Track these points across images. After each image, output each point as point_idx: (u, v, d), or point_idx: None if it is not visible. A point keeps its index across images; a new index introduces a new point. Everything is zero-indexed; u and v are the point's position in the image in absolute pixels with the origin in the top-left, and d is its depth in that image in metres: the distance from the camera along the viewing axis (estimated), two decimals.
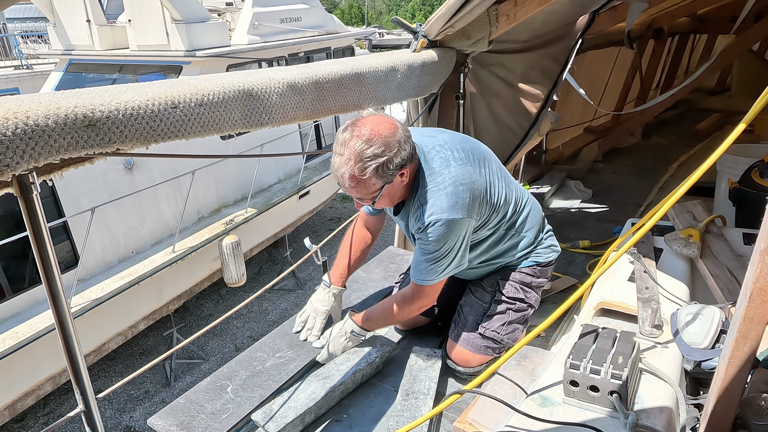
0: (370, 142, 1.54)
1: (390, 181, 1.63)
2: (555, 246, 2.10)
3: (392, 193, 1.71)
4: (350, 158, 1.55)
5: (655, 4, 4.30)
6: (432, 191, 1.69)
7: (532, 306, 2.04)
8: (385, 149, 1.55)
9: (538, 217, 2.04)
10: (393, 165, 1.58)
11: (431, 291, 1.84)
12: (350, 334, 1.95)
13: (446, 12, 2.33)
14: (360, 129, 1.56)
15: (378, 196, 1.66)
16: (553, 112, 3.42)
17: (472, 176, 1.73)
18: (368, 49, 21.82)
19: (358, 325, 1.95)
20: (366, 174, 1.56)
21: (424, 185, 1.70)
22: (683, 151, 5.43)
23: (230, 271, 6.32)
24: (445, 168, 1.70)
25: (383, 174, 1.59)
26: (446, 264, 1.76)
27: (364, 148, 1.54)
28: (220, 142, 7.12)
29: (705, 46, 7.98)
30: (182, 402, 1.80)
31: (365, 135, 1.55)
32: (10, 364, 4.82)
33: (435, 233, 1.69)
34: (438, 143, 1.77)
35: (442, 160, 1.72)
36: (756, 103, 1.26)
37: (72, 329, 1.27)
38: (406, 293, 1.88)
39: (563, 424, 1.37)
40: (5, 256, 5.17)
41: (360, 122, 1.59)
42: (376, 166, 1.55)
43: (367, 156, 1.54)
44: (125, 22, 7.89)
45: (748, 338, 1.09)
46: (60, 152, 1.15)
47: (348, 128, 1.59)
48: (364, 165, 1.55)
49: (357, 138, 1.55)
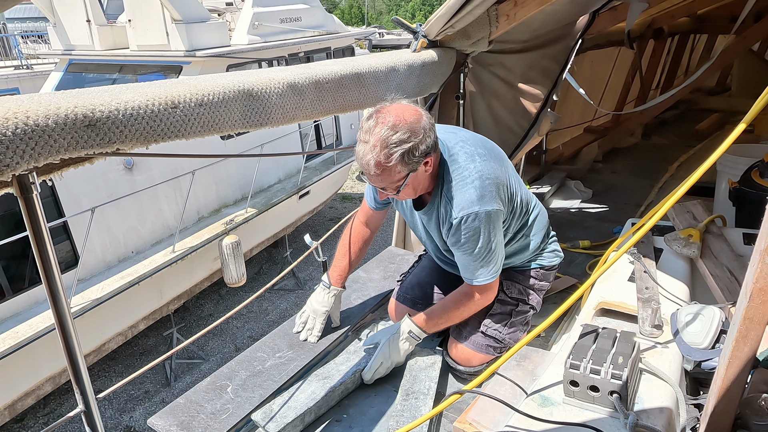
0: (395, 128, 1.54)
1: (415, 169, 1.61)
2: (559, 251, 2.13)
3: (416, 183, 1.69)
4: (376, 145, 1.54)
5: (655, 4, 4.30)
6: (459, 185, 1.68)
7: (534, 308, 2.05)
8: (410, 135, 1.55)
9: (545, 221, 2.06)
10: (418, 152, 1.57)
11: (491, 287, 1.84)
12: (408, 334, 1.88)
13: (446, 12, 2.33)
14: (385, 116, 1.56)
15: (402, 185, 1.63)
16: (552, 112, 3.41)
17: (496, 172, 1.74)
18: (368, 49, 21.83)
19: (418, 326, 1.88)
20: (392, 161, 1.55)
21: (450, 179, 1.70)
22: (683, 151, 5.43)
23: (230, 271, 6.32)
24: (471, 162, 1.71)
25: (409, 161, 1.58)
26: (495, 258, 1.76)
27: (390, 134, 1.53)
28: (220, 142, 7.11)
29: (705, 46, 7.98)
30: (182, 402, 1.80)
31: (390, 121, 1.54)
32: (10, 364, 4.82)
33: (470, 227, 1.68)
34: (461, 139, 1.77)
35: (467, 155, 1.72)
36: (756, 103, 1.26)
37: (72, 329, 1.27)
38: (465, 292, 1.85)
39: (563, 424, 1.37)
40: (5, 256, 5.17)
41: (384, 109, 1.58)
42: (402, 152, 1.55)
43: (393, 142, 1.53)
44: (125, 22, 7.88)
45: (748, 338, 1.09)
46: (60, 152, 1.15)
47: (373, 116, 1.58)
48: (390, 151, 1.54)
49: (382, 125, 1.54)
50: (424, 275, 2.21)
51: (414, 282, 2.20)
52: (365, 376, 1.89)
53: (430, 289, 2.16)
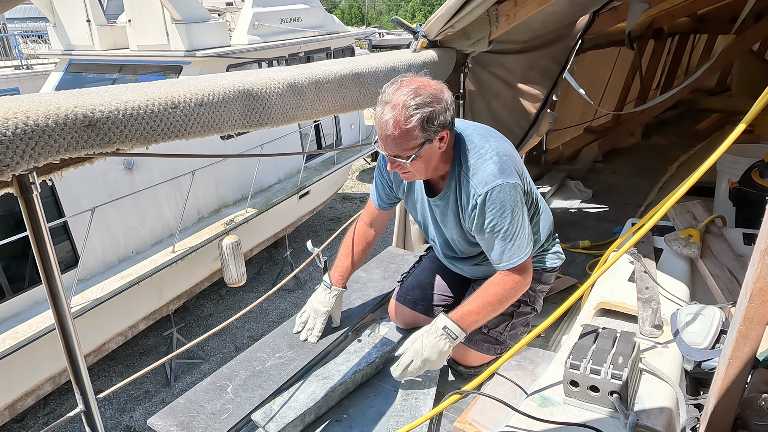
0: (418, 91, 1.56)
1: (431, 139, 1.61)
2: (560, 253, 2.12)
3: (428, 158, 1.67)
4: (397, 104, 1.55)
5: (655, 4, 4.30)
6: (478, 163, 1.70)
7: (535, 309, 2.05)
8: (432, 101, 1.57)
9: (550, 222, 2.05)
10: (437, 121, 1.59)
11: (525, 267, 1.75)
12: (443, 330, 1.72)
13: (446, 12, 2.33)
14: (409, 81, 1.59)
15: (416, 155, 1.62)
16: (552, 113, 3.42)
17: (511, 151, 1.76)
18: (368, 49, 21.81)
19: (455, 322, 1.73)
20: (411, 122, 1.56)
21: (467, 159, 1.72)
22: (683, 151, 5.43)
23: (230, 271, 6.32)
24: (486, 142, 1.74)
25: (427, 127, 1.58)
26: (524, 234, 1.71)
27: (412, 96, 1.55)
28: (220, 142, 7.11)
29: (705, 46, 7.98)
30: (182, 402, 1.80)
31: (414, 86, 1.57)
32: (10, 364, 4.82)
33: (497, 201, 1.67)
34: (472, 125, 1.82)
35: (481, 135, 1.76)
36: (756, 103, 1.26)
37: (72, 329, 1.27)
38: (503, 278, 1.75)
39: (563, 424, 1.37)
40: (5, 256, 5.17)
41: (408, 78, 1.61)
42: (422, 115, 1.55)
43: (414, 104, 1.55)
44: (125, 22, 7.89)
45: (749, 338, 1.09)
46: (60, 152, 1.15)
47: (396, 81, 1.61)
48: (410, 113, 1.55)
49: (405, 87, 1.57)
50: (425, 276, 2.20)
51: (414, 283, 2.20)
52: (394, 372, 1.75)
53: (430, 290, 2.16)
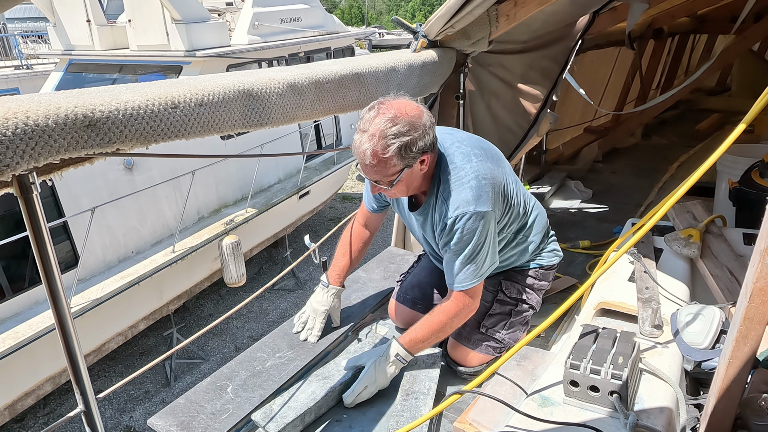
0: (395, 120, 1.54)
1: (411, 165, 1.61)
2: (558, 251, 2.12)
3: (410, 180, 1.68)
4: (374, 134, 1.54)
5: (655, 4, 4.30)
6: (455, 185, 1.68)
7: (533, 308, 2.05)
8: (410, 129, 1.55)
9: (544, 222, 2.05)
10: (416, 147, 1.57)
11: (475, 293, 1.79)
12: (395, 357, 1.81)
13: (446, 12, 2.33)
14: (387, 108, 1.56)
15: (396, 180, 1.62)
16: (552, 113, 3.42)
17: (493, 172, 1.73)
18: (368, 49, 21.81)
19: (405, 349, 1.81)
20: (388, 152, 1.54)
21: (446, 180, 1.69)
22: (683, 151, 5.43)
23: (230, 271, 6.32)
24: (467, 163, 1.70)
25: (405, 155, 1.57)
26: (482, 261, 1.73)
27: (389, 125, 1.53)
28: (220, 142, 7.11)
29: (705, 46, 7.98)
30: (182, 402, 1.80)
31: (391, 114, 1.55)
32: (10, 364, 4.82)
33: (464, 227, 1.66)
34: (457, 140, 1.77)
35: (463, 155, 1.72)
36: (756, 103, 1.26)
37: (72, 329, 1.27)
38: (449, 305, 1.80)
39: (563, 424, 1.37)
40: (5, 256, 5.17)
41: (386, 103, 1.59)
42: (400, 145, 1.54)
43: (392, 134, 1.53)
44: (125, 22, 7.89)
45: (749, 338, 1.09)
46: (60, 152, 1.15)
47: (374, 107, 1.58)
48: (387, 142, 1.54)
49: (383, 116, 1.54)
50: (424, 275, 2.21)
51: (414, 282, 2.20)
52: (346, 399, 1.80)
53: (429, 289, 2.16)
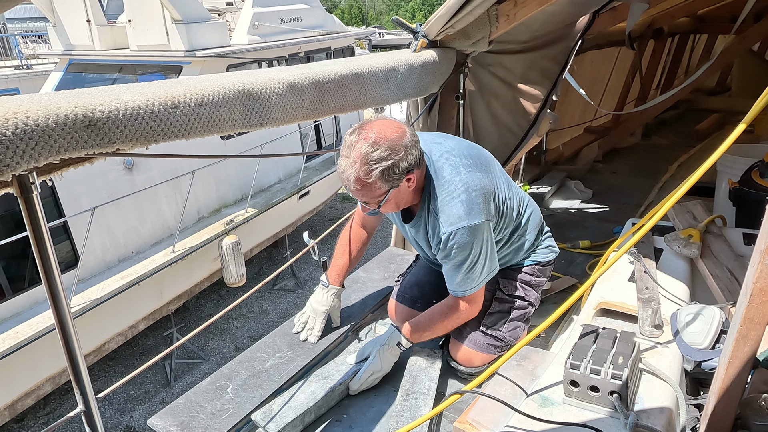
0: (376, 145, 1.55)
1: (396, 185, 1.63)
2: (553, 246, 2.12)
3: (399, 198, 1.71)
4: (356, 161, 1.56)
5: (655, 4, 4.30)
6: (446, 200, 1.69)
7: (533, 304, 2.05)
8: (391, 152, 1.56)
9: (538, 219, 2.06)
10: (399, 169, 1.59)
11: (475, 298, 1.85)
12: (397, 346, 1.90)
13: (446, 12, 2.33)
14: (367, 132, 1.57)
15: (384, 201, 1.65)
16: (552, 113, 3.41)
17: (482, 181, 1.73)
18: (368, 49, 21.80)
19: (406, 338, 1.89)
20: (371, 177, 1.57)
21: (436, 195, 1.70)
22: (683, 151, 5.43)
23: (230, 271, 6.33)
24: (456, 175, 1.71)
25: (389, 178, 1.59)
26: (480, 269, 1.77)
27: (370, 150, 1.54)
28: (220, 142, 7.12)
29: (705, 46, 7.98)
30: (182, 402, 1.80)
31: (372, 138, 1.56)
32: (10, 364, 4.82)
33: (459, 242, 1.68)
34: (446, 150, 1.77)
35: (452, 167, 1.72)
36: (756, 103, 1.26)
37: (72, 329, 1.27)
38: (451, 305, 1.86)
39: (563, 424, 1.37)
40: (5, 256, 5.17)
41: (367, 126, 1.60)
42: (382, 169, 1.56)
43: (373, 159, 1.55)
44: (125, 22, 7.89)
45: (749, 338, 1.09)
46: (60, 152, 1.15)
47: (355, 131, 1.60)
48: (369, 168, 1.55)
49: (364, 141, 1.56)
50: (423, 275, 2.21)
51: (413, 281, 2.20)
52: (353, 386, 1.88)
53: (428, 288, 2.16)
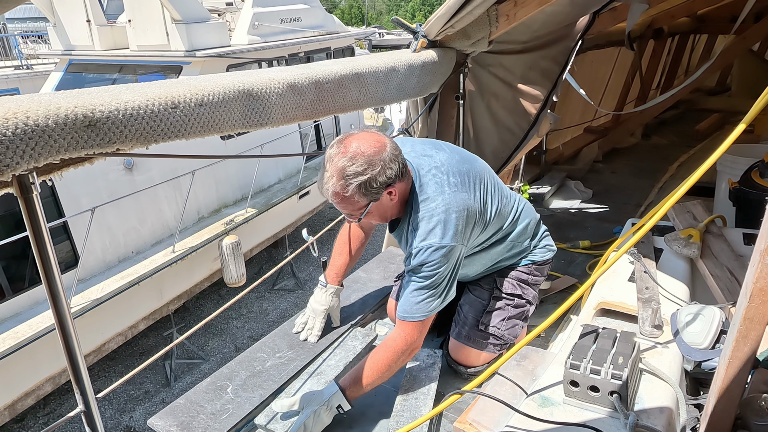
0: (353, 159, 1.55)
1: (376, 198, 1.63)
2: (551, 245, 2.12)
3: (382, 211, 1.70)
4: (333, 175, 1.57)
5: (655, 4, 4.30)
6: (425, 218, 1.67)
7: (531, 302, 2.05)
8: (367, 167, 1.56)
9: (534, 222, 2.05)
10: (377, 183, 1.58)
11: (423, 328, 1.72)
12: (336, 409, 1.70)
13: (446, 12, 2.33)
14: (345, 146, 1.58)
15: (364, 213, 1.66)
16: (552, 113, 3.41)
17: (467, 202, 1.71)
18: (368, 49, 21.81)
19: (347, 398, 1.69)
20: (348, 191, 1.57)
21: (417, 210, 1.69)
22: (683, 151, 5.43)
23: (230, 271, 6.33)
24: (440, 194, 1.68)
25: (367, 192, 1.59)
26: (438, 294, 1.70)
27: (346, 164, 1.55)
28: (220, 142, 7.12)
29: (705, 46, 7.98)
30: (182, 402, 1.80)
31: (349, 153, 1.56)
32: (10, 364, 4.82)
33: (427, 259, 1.65)
34: (435, 165, 1.74)
35: (437, 185, 1.70)
36: (756, 103, 1.26)
37: (72, 329, 1.27)
38: (395, 340, 1.71)
39: (563, 424, 1.37)
40: (5, 256, 5.17)
41: (347, 139, 1.60)
42: (359, 183, 1.56)
43: (349, 174, 1.55)
44: (125, 22, 7.89)
45: (749, 338, 1.09)
46: (60, 152, 1.15)
47: (335, 145, 1.60)
48: (346, 182, 1.56)
49: (341, 155, 1.56)
50: None
51: None
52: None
53: None
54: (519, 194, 2.05)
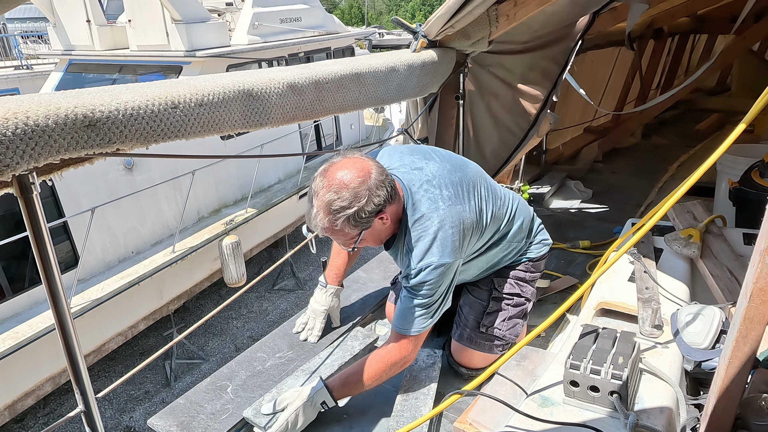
0: (338, 192, 1.51)
1: (368, 227, 1.60)
2: (546, 240, 2.11)
3: (375, 235, 1.67)
4: (320, 210, 1.54)
5: (655, 4, 4.30)
6: (421, 237, 1.63)
7: (529, 299, 2.05)
8: (353, 201, 1.52)
9: (528, 219, 2.04)
10: (366, 213, 1.54)
11: (417, 342, 1.74)
12: (320, 405, 1.71)
13: (446, 12, 2.33)
14: (329, 179, 1.54)
15: (358, 241, 1.63)
16: (552, 113, 3.41)
17: (462, 215, 1.68)
18: (368, 49, 21.82)
19: (333, 396, 1.71)
20: (338, 225, 1.54)
21: (413, 230, 1.65)
22: (683, 151, 5.42)
23: (230, 271, 6.33)
24: (434, 211, 1.65)
25: (357, 223, 1.56)
26: (435, 309, 1.70)
27: (332, 199, 1.52)
28: (220, 142, 7.12)
29: (705, 46, 7.97)
30: (182, 402, 1.80)
31: (334, 186, 1.52)
32: (10, 364, 4.82)
33: (426, 278, 1.63)
34: (426, 179, 1.70)
35: (431, 201, 1.66)
36: (756, 103, 1.26)
37: (72, 329, 1.27)
38: (390, 352, 1.72)
39: (563, 424, 1.37)
40: (5, 256, 5.17)
41: (330, 170, 1.56)
42: (347, 217, 1.53)
43: (336, 208, 1.52)
44: (125, 22, 7.90)
45: (749, 338, 1.09)
46: (60, 152, 1.15)
47: (317, 177, 1.57)
48: (334, 217, 1.53)
49: (326, 189, 1.53)
50: None
51: None
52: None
53: None
54: (512, 192, 2.03)
